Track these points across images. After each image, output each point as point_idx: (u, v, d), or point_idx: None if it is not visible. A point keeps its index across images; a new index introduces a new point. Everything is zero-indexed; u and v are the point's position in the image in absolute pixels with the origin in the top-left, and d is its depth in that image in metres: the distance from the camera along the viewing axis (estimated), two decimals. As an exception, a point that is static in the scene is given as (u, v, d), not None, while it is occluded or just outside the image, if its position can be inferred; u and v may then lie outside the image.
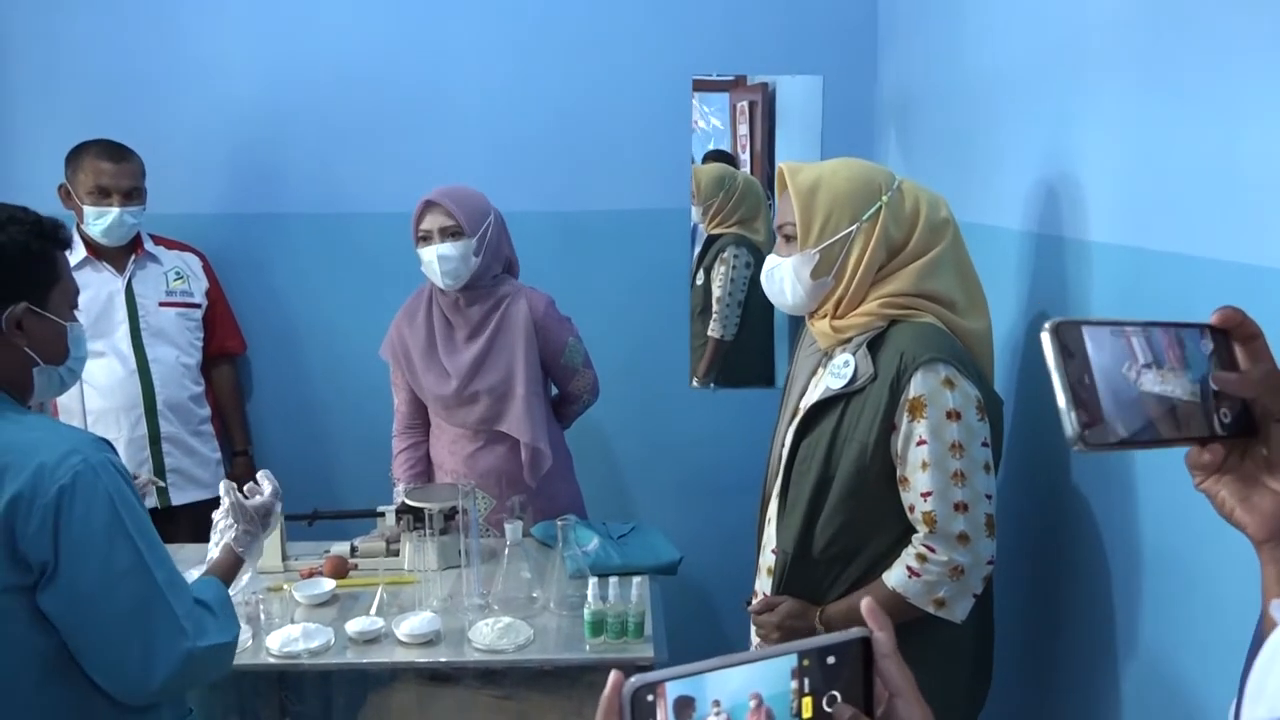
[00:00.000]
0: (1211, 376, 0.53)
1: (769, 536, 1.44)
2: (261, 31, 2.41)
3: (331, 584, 1.73)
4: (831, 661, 0.50)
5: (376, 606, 1.66)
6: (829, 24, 2.39)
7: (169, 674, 1.07)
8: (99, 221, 2.13)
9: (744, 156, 2.47)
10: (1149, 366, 0.51)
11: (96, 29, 2.40)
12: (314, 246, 2.49)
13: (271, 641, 1.53)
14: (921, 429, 1.27)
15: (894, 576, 1.31)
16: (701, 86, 2.44)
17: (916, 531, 1.31)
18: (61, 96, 2.41)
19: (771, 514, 1.44)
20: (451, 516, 1.83)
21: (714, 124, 2.45)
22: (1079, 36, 1.35)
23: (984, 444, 1.29)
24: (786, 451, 1.39)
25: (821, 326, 1.39)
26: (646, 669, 0.65)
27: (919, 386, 1.27)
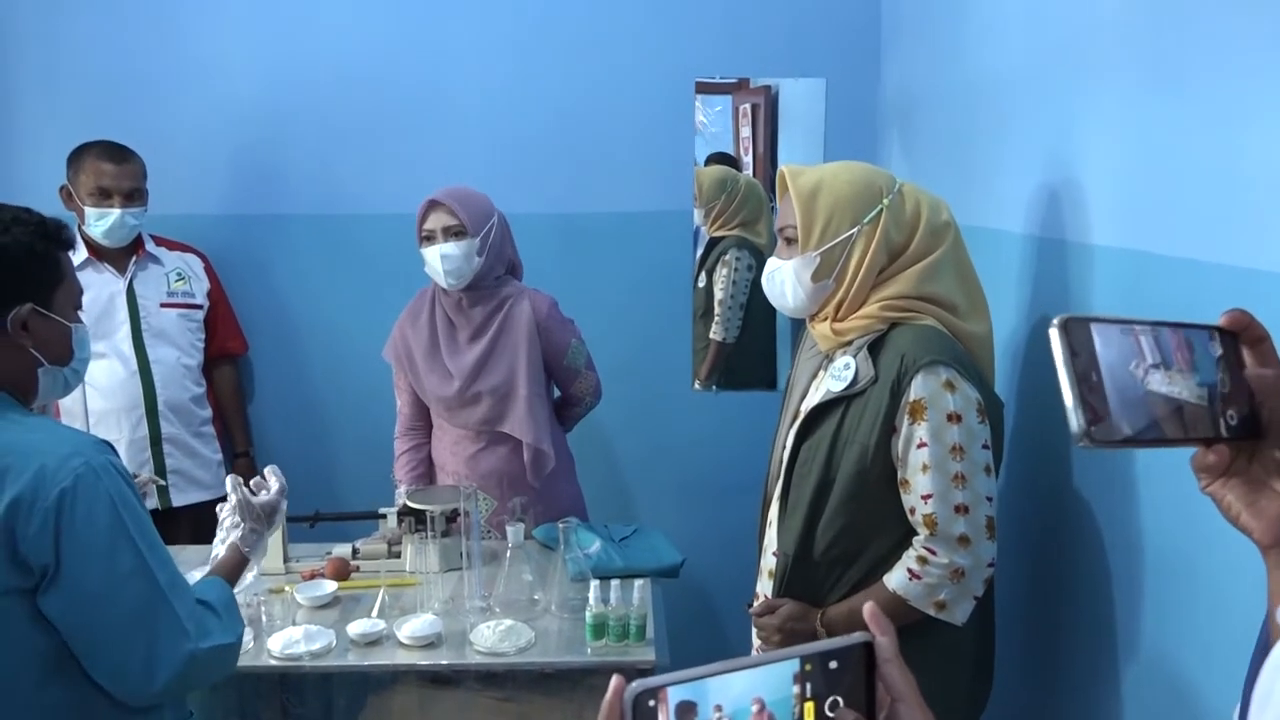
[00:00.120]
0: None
1: (770, 539, 1.44)
2: (262, 32, 2.41)
3: (333, 586, 1.73)
4: (834, 666, 0.50)
5: (378, 608, 1.66)
6: (832, 26, 2.40)
7: (172, 675, 1.07)
8: (100, 223, 2.13)
9: (746, 159, 2.47)
10: (1156, 366, 0.51)
11: (97, 30, 2.40)
12: (315, 247, 2.50)
13: (273, 643, 1.53)
14: (922, 431, 1.27)
15: (895, 579, 1.31)
16: (704, 89, 2.44)
17: (917, 534, 1.31)
18: (63, 97, 2.41)
19: (772, 516, 1.44)
20: (453, 519, 1.83)
21: (715, 126, 2.45)
22: (1081, 39, 1.35)
23: (984, 446, 1.29)
24: (787, 454, 1.39)
25: (822, 329, 1.39)
26: (648, 672, 0.65)
27: (920, 389, 1.27)
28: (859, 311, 1.35)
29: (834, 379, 1.35)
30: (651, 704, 0.46)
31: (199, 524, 2.24)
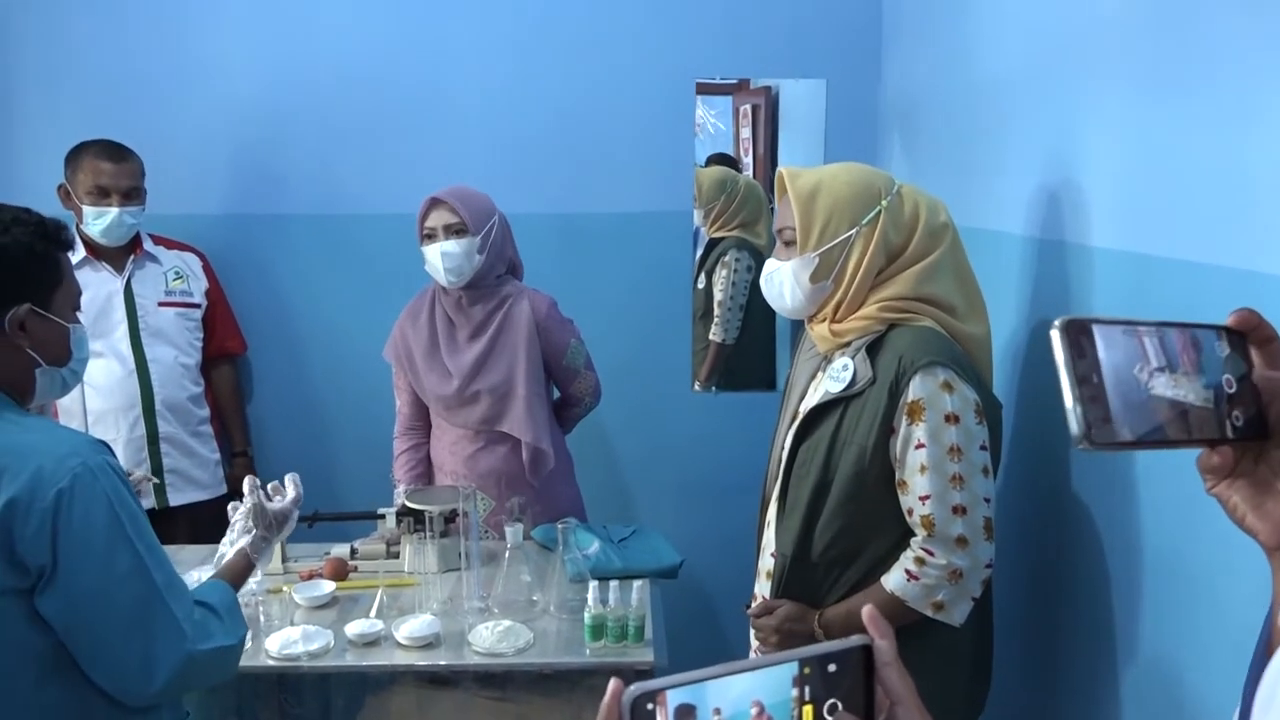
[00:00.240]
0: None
1: (768, 540, 1.44)
2: (262, 32, 2.41)
3: (331, 586, 1.73)
4: (832, 669, 0.49)
5: (376, 609, 1.66)
6: (833, 27, 2.39)
7: (169, 676, 1.07)
8: (98, 221, 2.13)
9: (747, 160, 2.47)
10: (1160, 367, 0.50)
11: (97, 29, 2.40)
12: (315, 247, 2.49)
13: (271, 644, 1.52)
14: (920, 432, 1.27)
15: (892, 580, 1.31)
16: (705, 89, 2.44)
17: (915, 535, 1.31)
18: (63, 97, 2.41)
19: (770, 517, 1.44)
20: (452, 519, 1.82)
21: (716, 126, 2.45)
22: (1082, 41, 1.35)
23: (982, 447, 1.29)
24: (786, 455, 1.39)
25: (821, 330, 1.39)
26: (646, 673, 0.65)
27: (917, 390, 1.27)
28: (857, 313, 1.35)
29: (832, 380, 1.35)
30: (650, 707, 0.46)
31: (196, 523, 2.24)
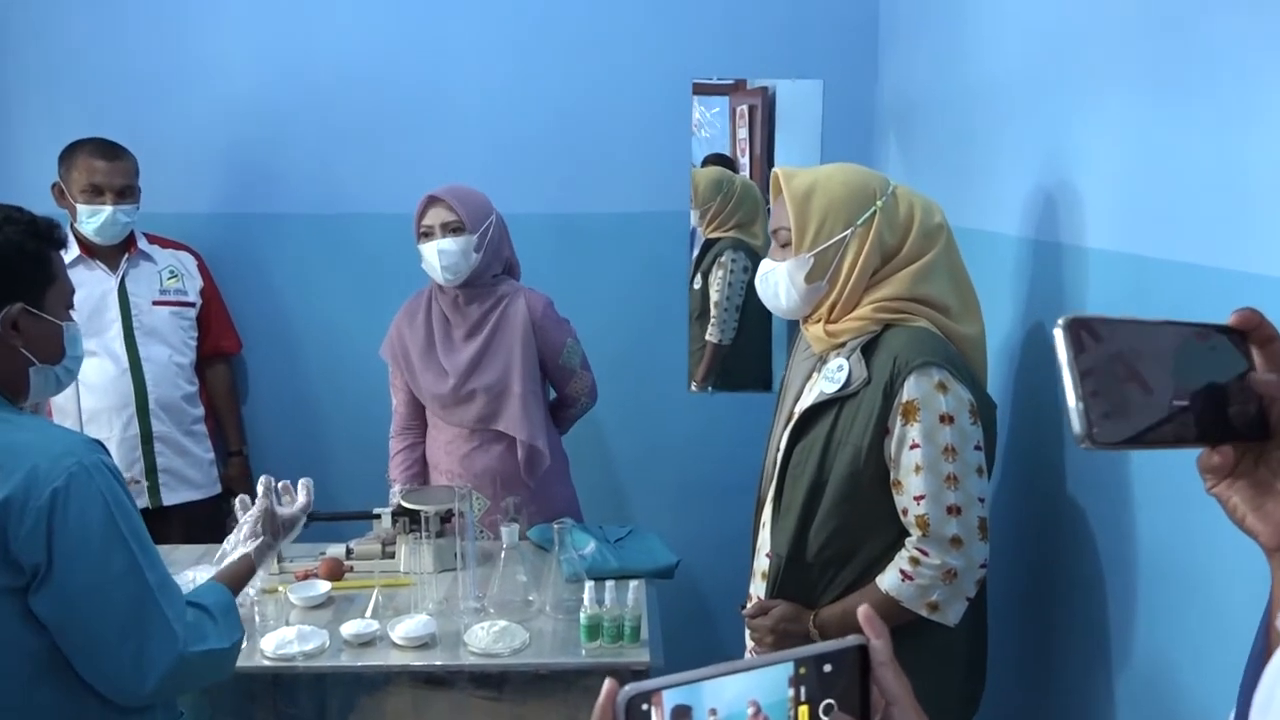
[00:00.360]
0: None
1: (763, 540, 1.44)
2: (259, 31, 2.40)
3: (326, 586, 1.72)
4: (828, 669, 0.49)
5: (372, 609, 1.65)
6: (829, 28, 2.40)
7: (161, 677, 1.06)
8: (92, 220, 2.12)
9: (743, 160, 2.47)
10: (1161, 366, 0.51)
11: (94, 27, 2.39)
12: (311, 246, 2.49)
13: (266, 644, 1.52)
14: (915, 433, 1.27)
15: (887, 580, 1.31)
16: (701, 90, 2.44)
17: (910, 535, 1.31)
18: (59, 95, 2.40)
19: (766, 518, 1.44)
20: (447, 519, 1.82)
21: (713, 126, 2.45)
22: (1079, 42, 1.36)
23: (977, 447, 1.30)
24: (781, 455, 1.39)
25: (816, 331, 1.39)
26: (642, 674, 0.65)
27: (912, 390, 1.27)
28: (852, 313, 1.36)
29: (827, 380, 1.35)
30: (645, 707, 0.46)
31: (190, 523, 2.23)
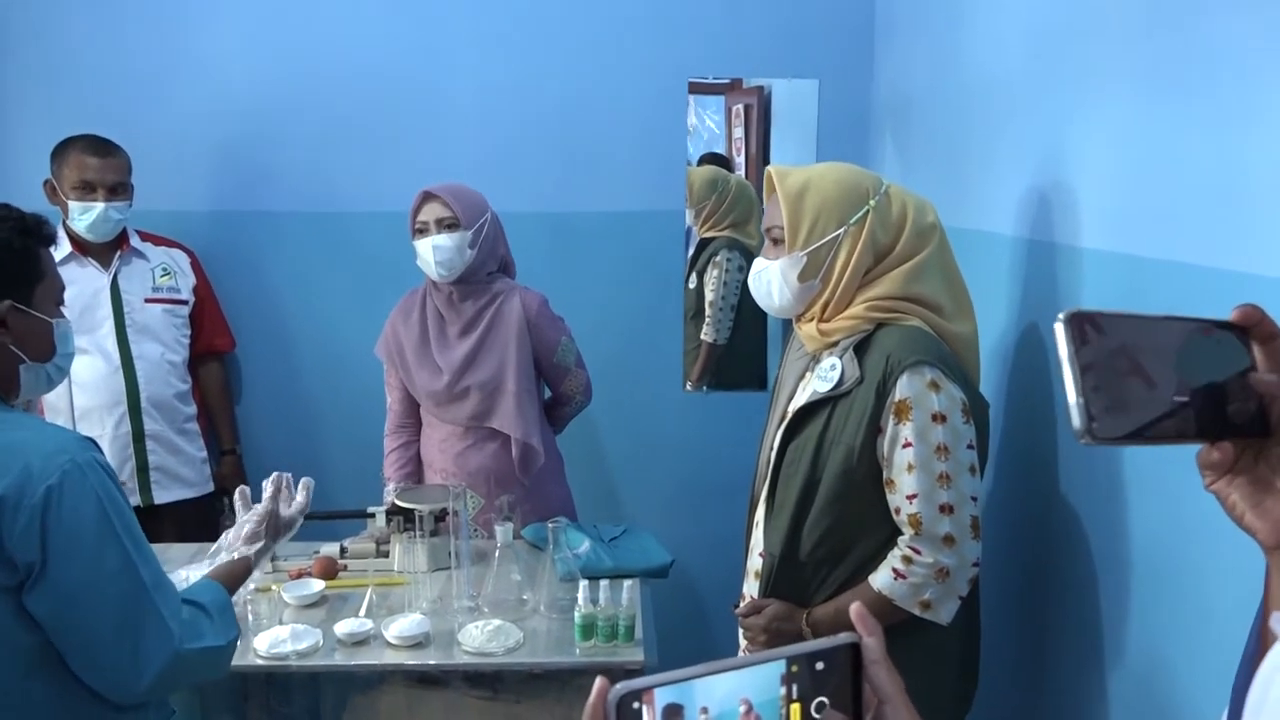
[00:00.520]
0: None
1: (756, 539, 1.44)
2: (253, 29, 2.40)
3: (320, 585, 1.72)
4: (820, 667, 0.49)
5: (365, 608, 1.65)
6: (825, 27, 2.40)
7: (157, 674, 1.06)
8: (83, 217, 2.11)
9: (739, 159, 2.47)
10: (1163, 361, 0.51)
11: (89, 24, 2.38)
12: (305, 244, 2.48)
13: (259, 643, 1.52)
14: (907, 431, 1.27)
15: (880, 579, 1.31)
16: (697, 89, 2.44)
17: (902, 534, 1.31)
18: (53, 92, 2.39)
19: (759, 517, 1.44)
20: (442, 518, 1.82)
21: (710, 125, 2.45)
22: (1075, 42, 1.36)
23: (969, 446, 1.30)
24: (774, 455, 1.39)
25: (808, 330, 1.39)
26: (636, 673, 0.65)
27: (905, 389, 1.28)
28: (845, 312, 1.36)
29: (820, 380, 1.35)
30: (636, 706, 0.46)
31: (182, 521, 2.23)
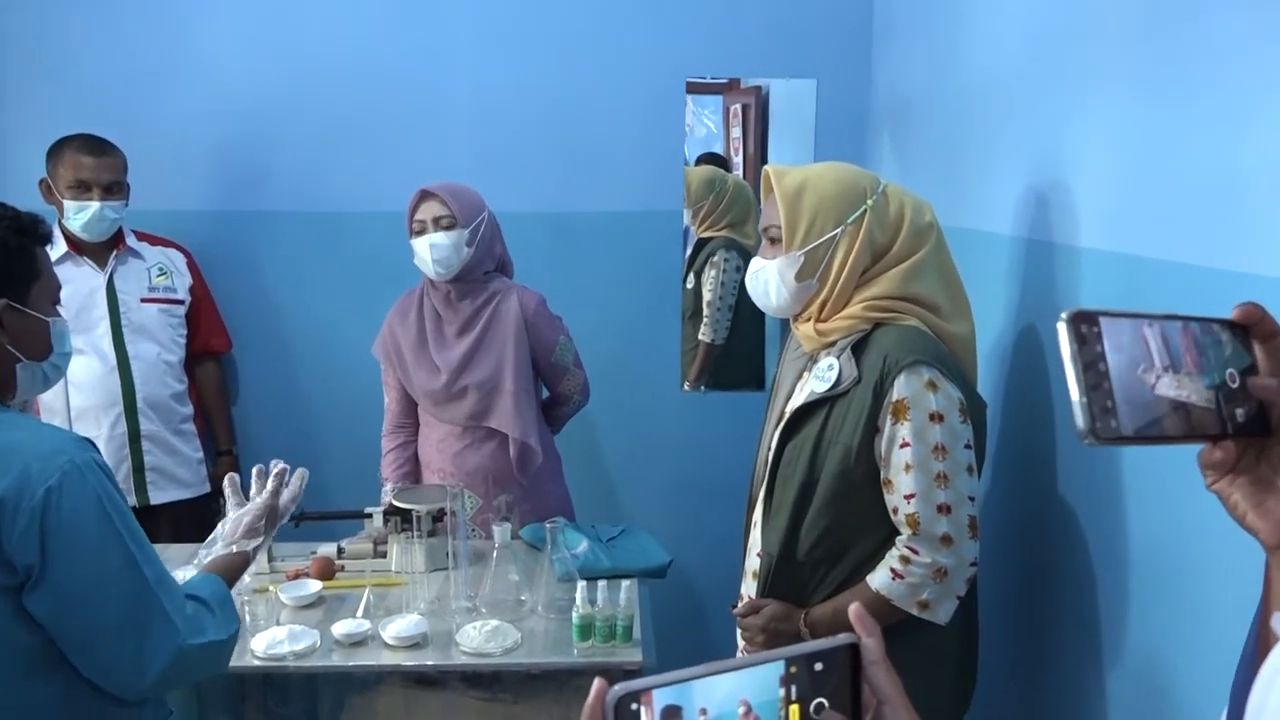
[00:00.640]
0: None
1: (754, 540, 1.44)
2: (251, 27, 2.39)
3: (318, 586, 1.72)
4: (819, 668, 0.49)
5: (363, 608, 1.65)
6: (823, 27, 2.40)
7: (161, 670, 1.06)
8: (79, 216, 2.11)
9: (737, 159, 2.47)
10: (1165, 361, 0.50)
11: (85, 23, 2.37)
12: (302, 244, 2.48)
13: (256, 644, 1.51)
14: (905, 431, 1.27)
15: (878, 579, 1.31)
16: (695, 89, 2.44)
17: (900, 534, 1.31)
18: (51, 91, 2.38)
19: (757, 517, 1.44)
20: (439, 518, 1.82)
21: (707, 125, 2.45)
22: (1073, 42, 1.36)
23: (967, 446, 1.30)
24: (772, 455, 1.39)
25: (806, 330, 1.39)
26: (634, 673, 0.65)
27: (902, 389, 1.28)
28: (842, 312, 1.36)
29: (818, 380, 1.35)
30: (634, 707, 0.45)
31: (178, 522, 2.22)
